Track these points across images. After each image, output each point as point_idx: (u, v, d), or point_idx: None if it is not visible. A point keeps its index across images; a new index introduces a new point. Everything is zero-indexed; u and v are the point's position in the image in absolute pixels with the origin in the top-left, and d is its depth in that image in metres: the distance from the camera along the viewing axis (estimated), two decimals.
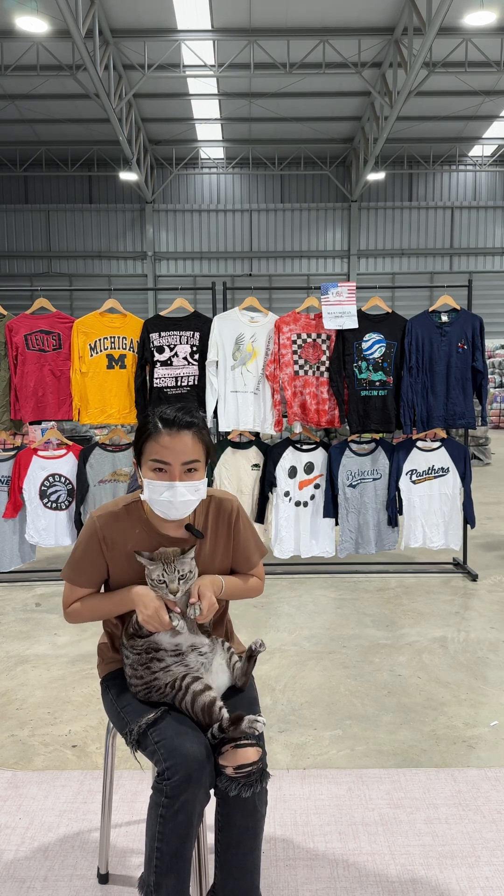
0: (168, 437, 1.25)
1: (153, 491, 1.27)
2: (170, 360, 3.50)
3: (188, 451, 1.26)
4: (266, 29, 9.66)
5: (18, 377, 3.49)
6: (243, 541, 1.41)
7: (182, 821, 1.15)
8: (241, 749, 1.21)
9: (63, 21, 7.64)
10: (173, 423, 1.26)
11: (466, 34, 9.51)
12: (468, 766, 1.93)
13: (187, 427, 1.26)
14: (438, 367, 3.49)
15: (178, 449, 1.25)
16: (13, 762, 1.98)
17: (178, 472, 1.26)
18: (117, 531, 1.32)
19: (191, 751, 1.16)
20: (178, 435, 1.25)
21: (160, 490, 1.26)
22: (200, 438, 1.29)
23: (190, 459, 1.26)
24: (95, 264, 16.03)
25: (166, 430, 1.25)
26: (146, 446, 1.28)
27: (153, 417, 1.28)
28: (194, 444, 1.27)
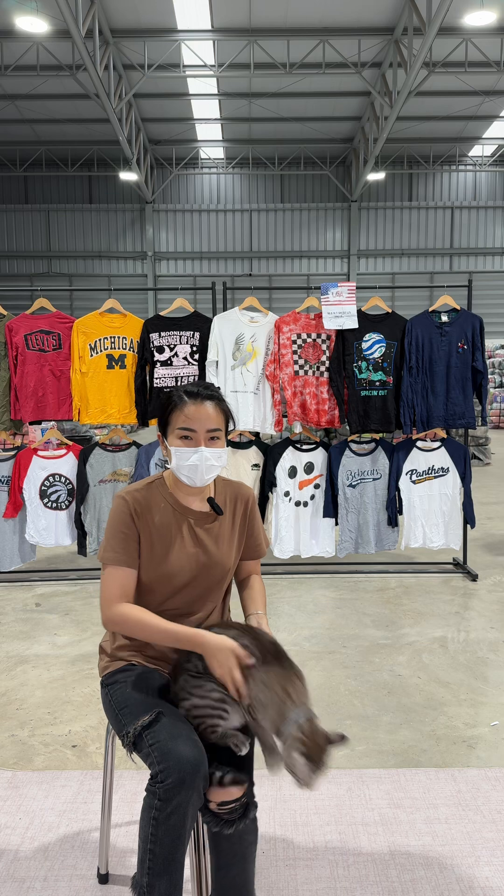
0: (193, 406, 1.35)
1: (180, 458, 1.35)
2: (170, 360, 3.50)
3: (212, 419, 1.36)
4: (266, 29, 9.66)
5: (18, 377, 3.49)
6: (256, 528, 1.50)
7: (175, 823, 1.16)
8: (224, 788, 1.21)
9: (63, 21, 7.64)
10: (197, 394, 1.36)
11: (466, 34, 9.51)
12: (468, 766, 1.93)
13: (209, 398, 1.37)
14: (438, 367, 3.49)
15: (203, 417, 1.35)
16: (13, 762, 1.98)
17: (203, 439, 1.35)
18: (145, 504, 1.39)
19: (184, 754, 1.17)
20: (202, 404, 1.35)
21: (187, 455, 1.34)
22: (221, 409, 1.39)
23: (213, 427, 1.36)
24: (95, 264, 16.03)
25: (191, 401, 1.35)
26: (172, 417, 1.37)
27: (178, 392, 1.38)
28: (217, 414, 1.37)
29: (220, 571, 1.42)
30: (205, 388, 1.39)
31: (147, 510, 1.38)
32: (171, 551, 1.37)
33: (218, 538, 1.42)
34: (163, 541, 1.37)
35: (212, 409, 1.36)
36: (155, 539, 1.37)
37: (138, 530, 1.37)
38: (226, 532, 1.43)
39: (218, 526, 1.42)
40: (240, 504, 1.47)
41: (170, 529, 1.38)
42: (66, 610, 3.22)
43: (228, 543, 1.43)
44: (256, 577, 1.54)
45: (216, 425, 1.37)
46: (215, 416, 1.37)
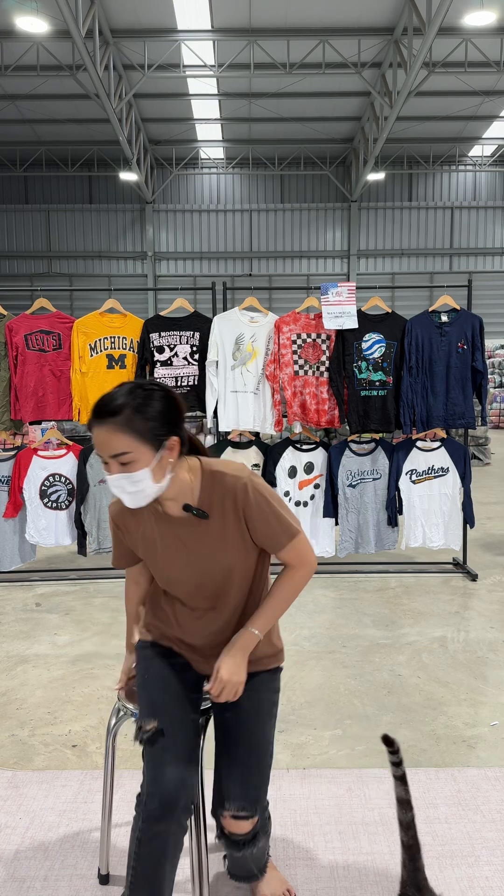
0: (94, 430, 1.16)
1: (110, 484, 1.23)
2: (170, 360, 3.51)
3: (109, 444, 1.14)
4: (266, 29, 9.66)
5: (18, 377, 3.49)
6: (260, 520, 1.26)
7: (156, 847, 1.16)
8: (235, 820, 1.23)
9: (63, 21, 7.64)
10: (96, 415, 1.15)
11: (466, 34, 9.51)
12: (468, 766, 1.93)
13: (109, 416, 1.14)
14: (438, 367, 3.49)
15: (100, 442, 1.16)
16: (13, 762, 1.98)
17: (113, 465, 1.16)
18: (128, 517, 1.34)
19: (170, 784, 1.16)
20: (100, 428, 1.15)
21: (109, 482, 1.20)
22: (124, 428, 1.14)
23: (115, 453, 1.15)
24: (95, 264, 16.03)
25: (90, 422, 1.17)
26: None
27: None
28: (115, 437, 1.14)
29: (220, 573, 1.29)
30: (100, 406, 1.14)
31: (132, 523, 1.33)
32: (161, 560, 1.32)
33: (208, 543, 1.28)
34: (150, 551, 1.33)
35: (106, 433, 1.14)
36: (143, 549, 1.34)
37: (124, 539, 1.37)
38: (215, 532, 1.28)
39: (205, 529, 1.28)
40: (228, 500, 1.27)
41: (154, 539, 1.31)
42: (67, 610, 3.22)
43: (221, 543, 1.28)
44: (289, 575, 1.32)
45: (119, 450, 1.14)
46: (113, 441, 1.14)
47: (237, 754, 1.26)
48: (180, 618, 1.36)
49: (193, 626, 1.34)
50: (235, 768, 1.25)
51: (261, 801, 1.26)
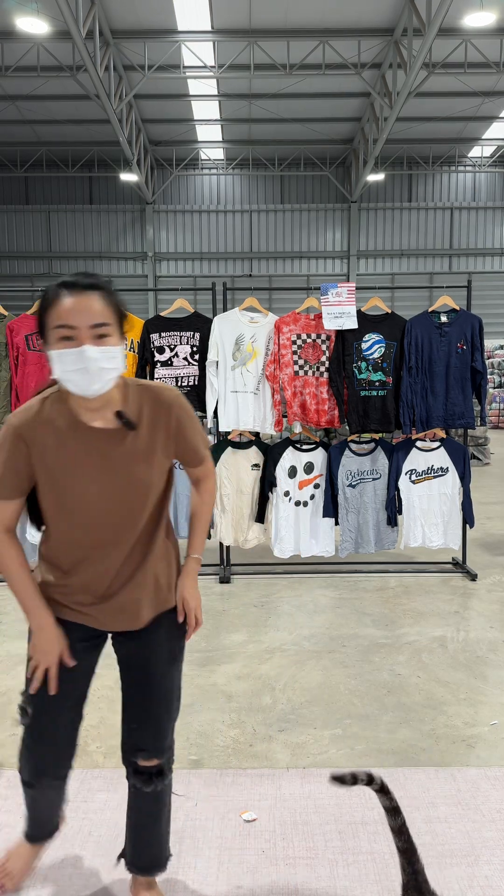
0: (71, 298, 1.11)
1: (62, 362, 1.12)
2: (170, 360, 3.51)
3: (95, 312, 1.12)
4: (266, 30, 9.67)
5: (19, 378, 3.50)
6: (189, 434, 1.29)
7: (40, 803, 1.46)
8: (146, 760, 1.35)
9: (63, 22, 7.64)
10: (75, 284, 1.12)
11: (466, 35, 9.52)
12: (468, 766, 1.93)
13: (91, 288, 1.13)
14: (438, 367, 3.50)
15: (83, 309, 1.11)
16: (14, 761, 1.98)
17: (88, 336, 1.11)
18: (38, 426, 1.20)
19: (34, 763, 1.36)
20: (81, 295, 1.11)
21: (69, 358, 1.11)
22: (109, 300, 1.14)
23: (99, 322, 1.12)
24: (96, 265, 16.03)
25: (68, 292, 1.12)
26: (48, 316, 1.13)
27: (53, 286, 1.15)
28: (102, 306, 1.13)
29: (138, 495, 1.23)
30: (85, 277, 1.14)
31: (39, 432, 1.19)
32: (71, 478, 1.20)
33: (131, 456, 1.22)
34: (61, 467, 1.20)
35: (95, 301, 1.12)
36: (52, 465, 1.20)
37: (32, 462, 1.20)
38: (142, 447, 1.23)
39: (131, 441, 1.22)
40: (160, 413, 1.24)
41: (68, 452, 1.19)
42: None
43: (146, 460, 1.23)
44: (203, 488, 1.37)
45: (103, 319, 1.12)
46: (100, 310, 1.12)
47: (150, 709, 1.32)
48: (80, 564, 1.26)
49: (95, 568, 1.26)
50: (149, 722, 1.32)
51: (170, 743, 1.36)
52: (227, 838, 1.63)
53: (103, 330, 1.12)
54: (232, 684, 2.43)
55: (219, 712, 2.22)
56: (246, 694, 2.36)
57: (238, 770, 1.92)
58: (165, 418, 1.25)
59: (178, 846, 1.60)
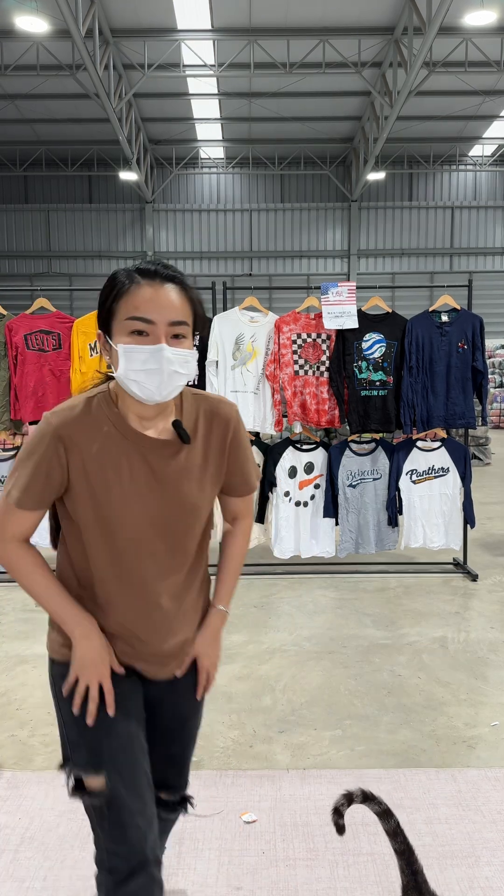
0: (150, 288, 0.97)
1: (131, 359, 0.96)
2: None
3: (176, 308, 0.98)
4: (266, 28, 9.65)
5: (18, 377, 3.49)
6: (242, 457, 1.14)
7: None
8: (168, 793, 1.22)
9: (63, 21, 7.63)
10: (155, 273, 0.98)
11: (466, 34, 9.50)
12: (468, 767, 1.93)
13: (172, 280, 0.99)
14: (438, 366, 3.49)
15: (164, 303, 0.97)
16: (13, 762, 1.98)
17: (165, 334, 0.97)
18: (81, 430, 1.02)
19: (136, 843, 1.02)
20: (162, 287, 0.98)
21: (141, 357, 0.96)
22: (189, 297, 1.01)
23: (178, 320, 0.98)
24: (95, 264, 16.02)
25: (147, 282, 0.97)
26: (120, 304, 0.98)
27: (125, 271, 1.00)
28: (182, 302, 0.99)
29: (187, 518, 1.07)
30: (164, 267, 1.00)
31: (82, 435, 1.01)
32: (113, 493, 1.02)
33: (184, 473, 1.06)
34: (103, 479, 1.02)
35: (176, 295, 0.98)
36: (92, 476, 1.02)
37: (67, 466, 1.01)
38: (195, 464, 1.07)
39: (184, 457, 1.06)
40: (217, 426, 1.09)
41: (114, 463, 1.02)
42: None
43: (199, 479, 1.07)
44: (240, 529, 1.21)
45: (182, 317, 0.99)
46: (181, 305, 0.99)
47: (178, 752, 1.21)
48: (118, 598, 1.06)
49: (136, 605, 1.07)
50: (175, 763, 1.22)
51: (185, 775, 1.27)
52: (227, 839, 1.63)
53: (181, 329, 0.99)
54: (232, 685, 2.42)
55: (219, 713, 2.22)
56: (246, 695, 2.35)
57: (238, 771, 1.91)
58: (222, 434, 1.10)
59: (178, 847, 1.60)
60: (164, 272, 0.99)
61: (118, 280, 0.99)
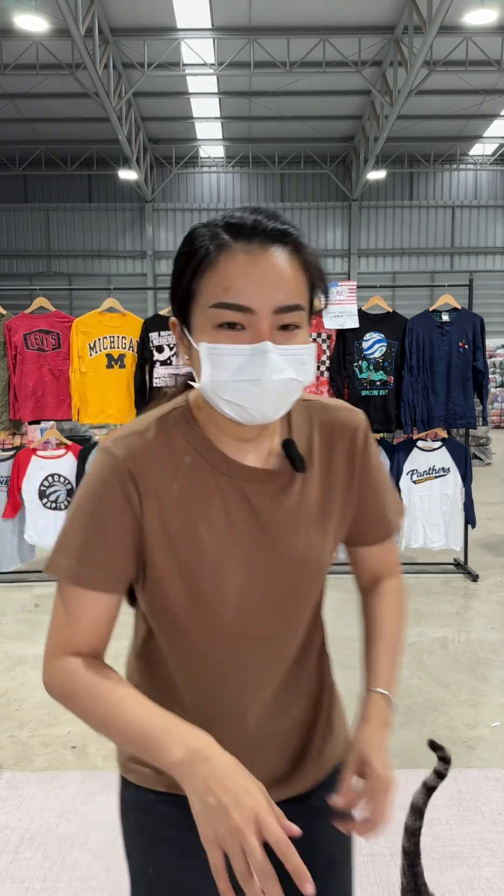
0: (246, 257, 0.62)
1: (219, 366, 0.63)
2: (169, 359, 3.50)
3: (286, 283, 0.63)
4: (266, 27, 9.64)
5: (17, 377, 3.48)
6: (376, 483, 0.78)
7: None
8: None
9: (62, 20, 7.62)
10: (254, 230, 0.62)
11: (467, 33, 9.49)
12: (469, 767, 1.92)
13: (280, 239, 0.63)
14: (439, 366, 3.48)
15: (268, 279, 0.62)
16: (13, 763, 1.97)
17: (270, 326, 0.62)
18: (156, 463, 0.69)
19: None
20: (264, 254, 0.62)
21: (235, 362, 0.62)
22: (304, 264, 0.65)
23: (289, 304, 0.63)
24: (95, 263, 16.01)
25: (242, 245, 0.62)
26: (200, 283, 0.64)
27: (209, 228, 0.65)
28: (295, 274, 0.64)
29: (305, 581, 0.74)
30: (268, 218, 0.64)
31: (157, 473, 0.69)
32: (207, 553, 0.69)
33: (299, 515, 0.72)
34: (190, 534, 0.69)
35: (285, 266, 0.63)
36: (172, 528, 0.69)
37: (138, 514, 0.68)
38: (313, 500, 0.73)
39: (298, 491, 0.72)
40: (339, 442, 0.75)
41: (203, 509, 0.69)
42: None
43: (320, 522, 0.73)
44: (390, 588, 0.86)
45: (294, 298, 0.64)
46: (292, 281, 0.63)
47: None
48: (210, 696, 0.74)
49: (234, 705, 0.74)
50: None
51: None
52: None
53: (293, 317, 0.64)
54: None
55: None
56: None
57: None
58: (347, 454, 0.75)
59: None
60: (268, 226, 0.62)
61: (197, 243, 0.64)
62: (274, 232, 0.64)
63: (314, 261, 0.67)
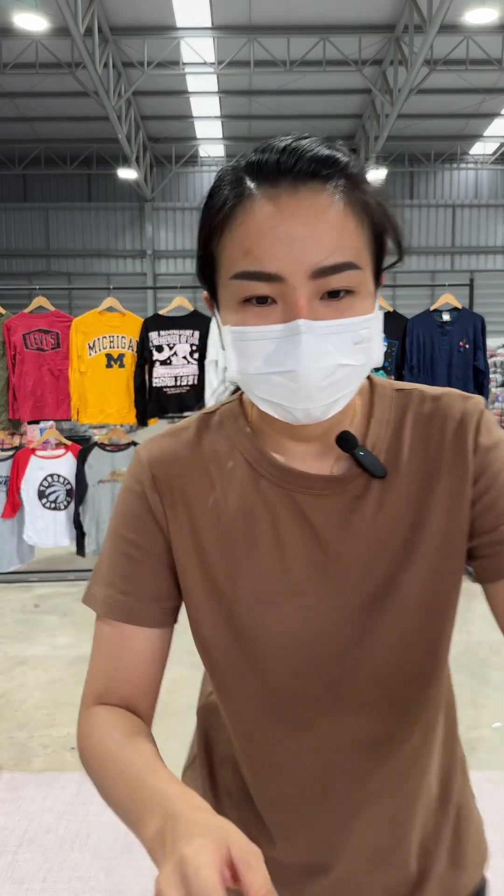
0: (271, 206, 0.47)
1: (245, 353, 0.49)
2: (169, 359, 3.49)
3: (326, 236, 0.47)
4: (266, 26, 9.63)
5: (17, 376, 3.48)
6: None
7: None
8: None
9: (62, 19, 7.61)
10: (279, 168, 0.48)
11: (467, 32, 9.48)
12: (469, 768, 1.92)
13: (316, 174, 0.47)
14: (439, 366, 3.48)
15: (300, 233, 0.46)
16: (12, 764, 1.97)
17: (306, 297, 0.47)
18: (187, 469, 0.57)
19: None
20: (294, 197, 0.47)
21: (264, 349, 0.48)
22: (359, 204, 0.49)
23: (333, 263, 0.47)
24: (94, 263, 16.00)
25: (266, 190, 0.48)
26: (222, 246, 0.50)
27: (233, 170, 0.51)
28: (343, 220, 0.48)
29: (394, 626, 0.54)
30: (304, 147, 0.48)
31: (188, 480, 0.57)
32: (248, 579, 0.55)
33: (379, 535, 0.54)
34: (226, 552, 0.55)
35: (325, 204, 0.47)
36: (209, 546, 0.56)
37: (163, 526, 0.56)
38: (400, 515, 0.54)
39: (375, 503, 0.54)
40: (443, 439, 0.55)
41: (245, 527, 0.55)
42: (65, 611, 3.21)
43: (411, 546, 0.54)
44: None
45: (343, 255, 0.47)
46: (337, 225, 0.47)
47: None
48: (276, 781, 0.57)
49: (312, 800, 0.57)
50: None
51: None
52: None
53: (341, 280, 0.47)
54: None
55: None
56: None
57: None
58: (455, 453, 0.54)
59: None
60: (302, 156, 0.47)
61: (217, 193, 0.51)
62: (309, 164, 0.46)
63: (375, 198, 0.50)
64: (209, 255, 0.52)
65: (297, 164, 0.47)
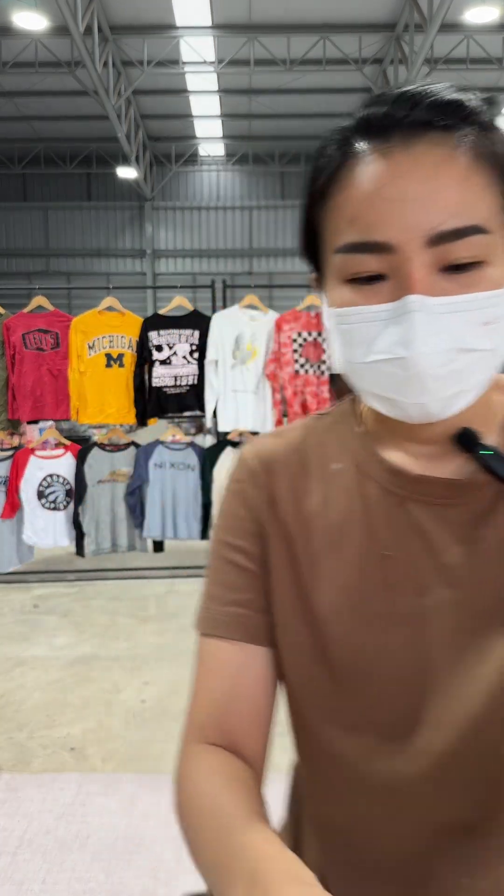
0: (380, 163, 0.41)
1: (350, 339, 0.43)
2: (168, 359, 3.49)
3: (447, 195, 0.39)
4: (266, 25, 9.62)
5: (16, 376, 3.47)
6: None
7: None
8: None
9: (62, 17, 7.60)
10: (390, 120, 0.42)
11: (468, 31, 9.47)
12: None
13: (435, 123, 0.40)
14: None
15: (414, 193, 0.39)
16: (11, 764, 1.97)
17: (423, 269, 0.39)
18: (288, 470, 0.52)
19: None
20: (405, 152, 0.40)
21: (369, 331, 0.42)
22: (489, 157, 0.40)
23: (456, 227, 0.39)
24: (94, 262, 15.99)
25: (378, 145, 0.42)
26: (325, 215, 0.45)
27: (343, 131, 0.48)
28: (468, 177, 0.39)
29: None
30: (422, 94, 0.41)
31: (290, 480, 0.52)
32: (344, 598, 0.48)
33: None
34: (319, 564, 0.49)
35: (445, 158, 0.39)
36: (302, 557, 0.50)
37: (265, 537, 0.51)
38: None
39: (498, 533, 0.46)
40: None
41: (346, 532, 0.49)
42: (65, 612, 3.21)
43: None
44: None
45: (467, 216, 0.39)
46: (461, 183, 0.39)
47: None
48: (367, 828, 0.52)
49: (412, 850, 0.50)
50: None
51: None
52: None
53: (469, 247, 0.40)
54: None
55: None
56: None
57: None
58: None
59: (180, 852, 1.59)
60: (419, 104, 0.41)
61: (324, 152, 0.47)
62: (428, 113, 0.40)
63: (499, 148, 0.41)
64: (312, 228, 0.46)
65: (411, 112, 0.40)
